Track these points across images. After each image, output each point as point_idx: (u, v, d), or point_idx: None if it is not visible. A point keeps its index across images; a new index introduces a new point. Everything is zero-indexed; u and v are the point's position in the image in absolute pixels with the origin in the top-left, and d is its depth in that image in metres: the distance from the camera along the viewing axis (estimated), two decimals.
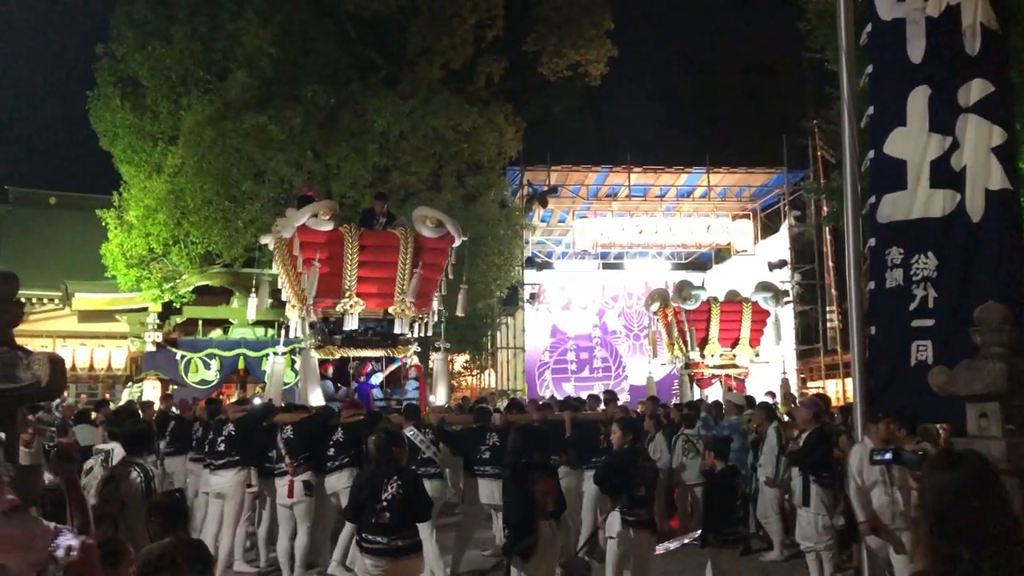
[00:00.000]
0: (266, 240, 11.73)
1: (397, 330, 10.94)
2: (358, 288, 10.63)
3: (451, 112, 17.71)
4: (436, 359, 11.42)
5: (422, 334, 11.43)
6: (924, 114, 8.48)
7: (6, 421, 2.47)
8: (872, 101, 8.95)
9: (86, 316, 21.70)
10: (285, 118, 16.72)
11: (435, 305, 11.34)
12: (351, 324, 10.63)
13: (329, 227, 10.45)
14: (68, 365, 21.24)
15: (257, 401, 10.70)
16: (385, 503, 5.48)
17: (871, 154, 8.81)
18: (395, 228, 11.13)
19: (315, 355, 10.48)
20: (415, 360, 11.35)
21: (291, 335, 11.35)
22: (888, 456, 6.23)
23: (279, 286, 11.48)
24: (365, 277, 10.71)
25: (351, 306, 10.58)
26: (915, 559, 6.14)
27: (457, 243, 11.19)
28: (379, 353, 10.93)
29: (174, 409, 12.42)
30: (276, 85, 17.59)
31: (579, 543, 8.13)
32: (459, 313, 12.17)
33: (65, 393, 13.14)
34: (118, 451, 5.33)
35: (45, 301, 21.50)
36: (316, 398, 10.06)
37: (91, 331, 22.06)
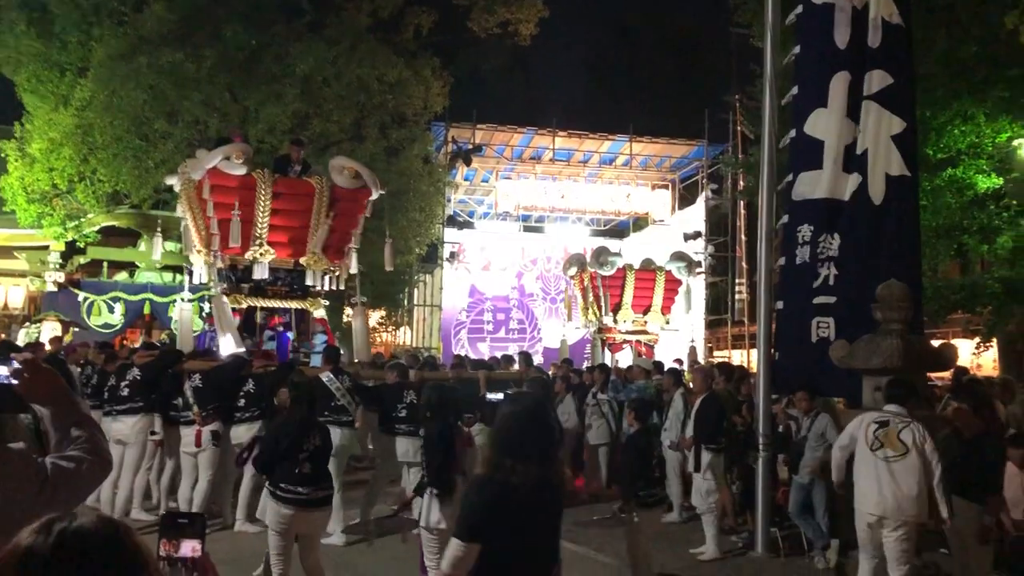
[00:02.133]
0: (172, 181, 11.30)
1: (308, 282, 10.73)
2: (269, 236, 10.36)
3: (377, 61, 17.31)
4: (355, 314, 11.24)
5: (334, 287, 11.24)
6: (844, 99, 8.71)
7: None
8: (797, 81, 9.13)
9: None
10: (203, 56, 16.07)
11: (352, 259, 11.15)
12: (260, 273, 10.38)
13: (242, 171, 10.12)
14: None
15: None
16: (308, 453, 5.51)
17: (792, 133, 9.01)
18: (310, 176, 10.86)
19: (227, 301, 10.19)
20: (322, 313, 11.16)
21: (196, 281, 11.00)
22: None
23: (182, 229, 11.09)
24: (277, 225, 10.44)
25: (261, 254, 10.32)
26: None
27: (374, 196, 10.99)
28: (288, 304, 10.71)
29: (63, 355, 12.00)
30: (195, 21, 16.87)
31: None
32: (388, 267, 12.02)
33: None
34: None
35: None
36: (228, 345, 9.83)
37: None
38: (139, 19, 16.67)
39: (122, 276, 19.91)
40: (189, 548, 1.52)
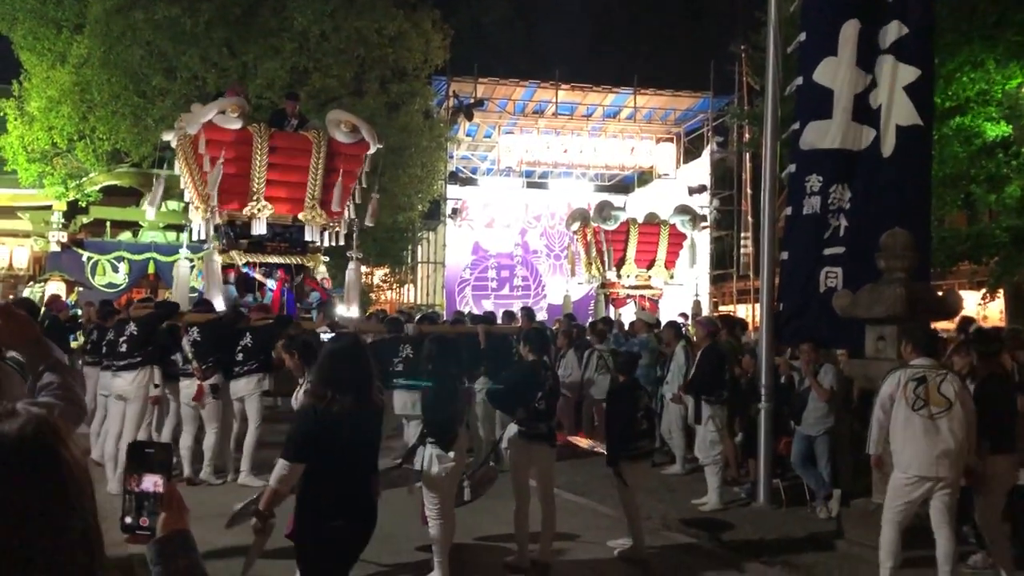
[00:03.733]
0: (169, 137, 11.18)
1: (307, 237, 10.64)
2: (267, 192, 10.26)
3: (376, 14, 17.05)
4: (349, 268, 11.15)
5: (333, 243, 11.14)
6: (853, 47, 8.50)
7: None
8: (804, 27, 8.92)
9: None
10: (199, 10, 15.81)
11: (348, 214, 11.04)
12: (259, 229, 10.29)
13: (237, 125, 9.99)
14: None
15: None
16: None
17: (799, 80, 8.82)
18: (307, 131, 10.72)
19: (218, 259, 10.12)
20: (323, 271, 11.10)
21: (195, 238, 10.92)
22: None
23: (182, 186, 10.99)
24: (274, 180, 10.33)
25: (259, 210, 10.23)
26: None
27: (372, 150, 10.84)
28: (287, 260, 10.63)
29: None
30: None
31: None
32: (368, 223, 11.87)
33: None
34: None
35: None
36: (218, 304, 9.78)
37: None
38: None
39: (126, 236, 19.87)
40: (151, 483, 1.44)
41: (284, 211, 10.62)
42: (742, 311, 23.99)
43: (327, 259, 11.41)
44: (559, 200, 25.01)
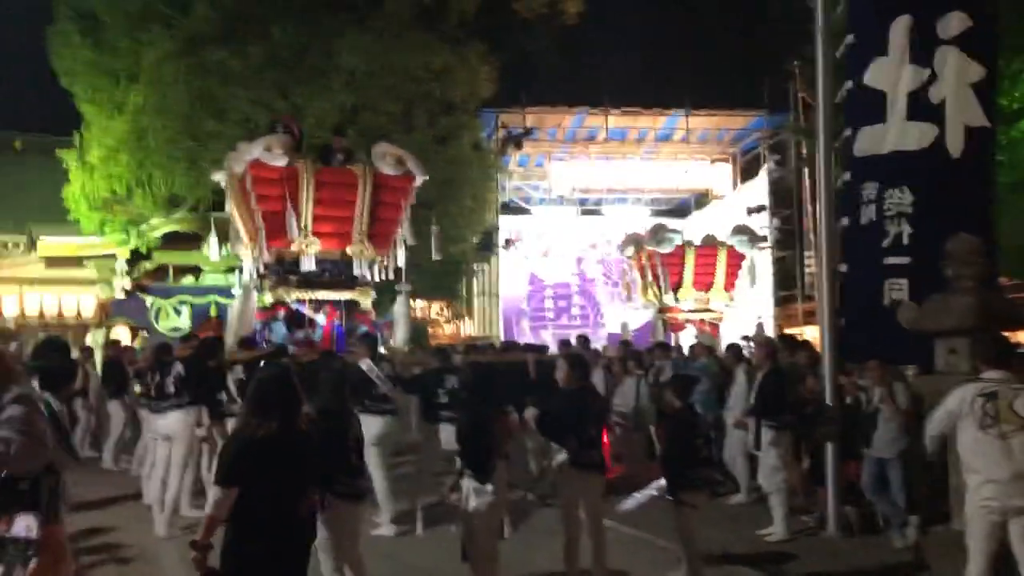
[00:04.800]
0: (218, 177, 11.28)
1: (356, 272, 10.57)
2: (314, 227, 10.24)
3: (422, 50, 17.17)
4: (397, 301, 11.04)
5: (382, 277, 11.05)
6: (905, 44, 8.12)
7: None
8: (852, 29, 8.57)
9: (53, 262, 21.14)
10: (247, 53, 16.08)
11: (396, 247, 10.95)
12: (307, 265, 10.25)
13: (283, 162, 10.00)
14: (36, 312, 20.92)
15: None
16: (353, 443, 5.09)
17: (848, 84, 8.47)
18: (353, 165, 10.69)
19: (255, 296, 10.12)
20: (368, 305, 10.99)
21: (246, 277, 10.95)
22: None
23: (233, 225, 11.05)
24: (322, 216, 10.31)
25: (307, 246, 10.19)
26: None
27: (418, 182, 10.77)
28: (336, 295, 10.56)
29: None
30: (241, 20, 16.92)
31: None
32: (435, 256, 11.79)
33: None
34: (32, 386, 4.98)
35: (11, 247, 20.95)
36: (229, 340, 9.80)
37: (59, 277, 21.49)
38: (185, 21, 16.80)
39: (188, 280, 20.22)
40: (23, 526, 1.22)
41: (332, 246, 10.58)
42: (809, 333, 23.24)
43: (375, 294, 11.29)
44: (615, 227, 24.69)
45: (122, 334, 17.82)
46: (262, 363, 7.41)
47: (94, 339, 17.34)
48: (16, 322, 20.51)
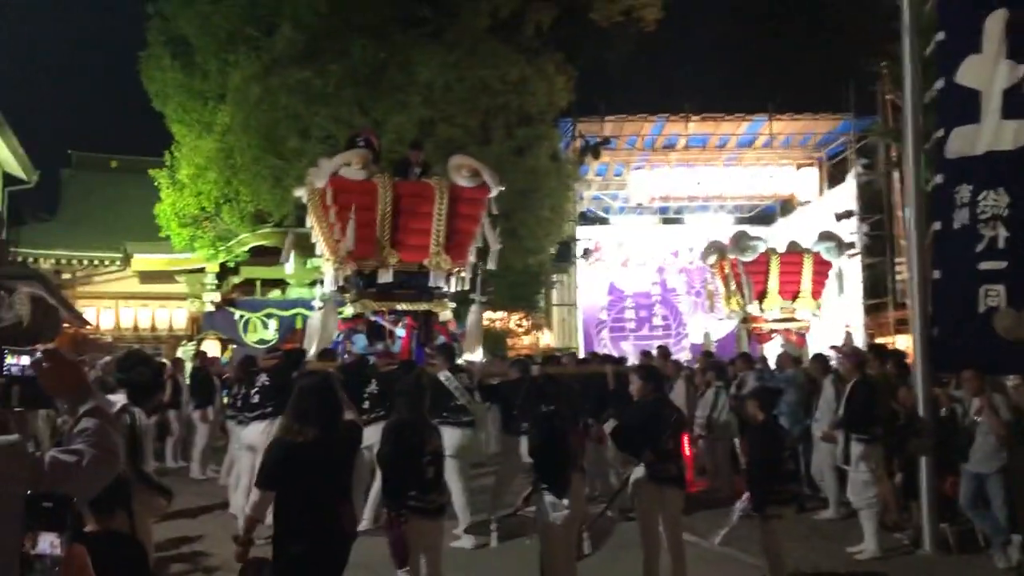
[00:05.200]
0: (300, 192, 11.53)
1: (432, 283, 10.62)
2: (392, 240, 10.33)
3: (498, 61, 17.20)
4: (471, 311, 11.05)
5: (459, 288, 11.08)
6: (1001, 40, 7.75)
7: None
8: (943, 26, 8.21)
9: (147, 277, 22.01)
10: (329, 72, 16.44)
11: (472, 258, 10.97)
12: (385, 277, 10.35)
13: (362, 176, 10.14)
14: (131, 326, 21.73)
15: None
16: (430, 457, 5.00)
17: (939, 84, 8.11)
18: (430, 178, 10.77)
19: (335, 311, 10.28)
20: (448, 315, 11.03)
21: (326, 289, 11.12)
22: None
23: (313, 239, 11.24)
24: (399, 228, 10.40)
25: (385, 259, 10.29)
26: None
27: (494, 193, 10.76)
28: (415, 307, 10.62)
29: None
30: (323, 40, 17.30)
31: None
32: (490, 266, 11.74)
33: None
34: (121, 398, 5.12)
35: (107, 263, 21.85)
36: (311, 351, 9.96)
37: (152, 292, 22.38)
38: (271, 43, 17.26)
39: (275, 293, 20.74)
40: (47, 543, 1.21)
41: (409, 258, 10.64)
42: (901, 342, 22.41)
43: (453, 305, 11.33)
44: (697, 235, 24.25)
45: (212, 347, 18.36)
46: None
47: (185, 352, 17.89)
48: (112, 335, 21.37)
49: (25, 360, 2.16)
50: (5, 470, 1.92)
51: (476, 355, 10.44)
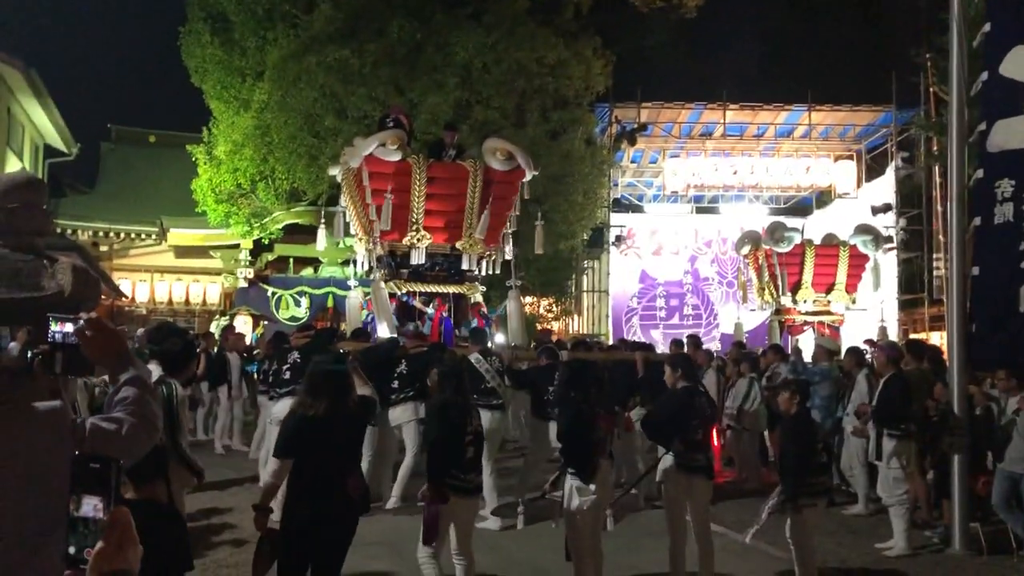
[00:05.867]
0: (334, 172, 11.56)
1: (464, 266, 10.62)
2: (425, 221, 10.33)
3: (536, 44, 17.10)
4: (509, 297, 11.04)
5: (490, 271, 11.08)
6: None
7: (36, 330, 2.28)
8: (989, 16, 8.03)
9: (182, 252, 22.28)
10: (367, 51, 16.43)
11: (505, 241, 10.95)
12: (418, 258, 10.37)
13: (397, 157, 10.13)
14: (165, 299, 22.00)
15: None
16: (471, 437, 5.10)
17: (984, 76, 7.94)
18: (464, 160, 10.74)
19: (385, 288, 10.29)
20: (479, 298, 11.03)
21: (359, 269, 11.15)
22: None
23: (347, 219, 11.28)
24: (432, 210, 10.40)
25: (418, 240, 10.30)
26: None
27: (528, 177, 10.72)
28: (446, 289, 10.64)
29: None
30: (361, 18, 17.30)
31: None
32: (537, 251, 11.76)
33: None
34: (155, 370, 5.18)
35: (144, 236, 22.13)
36: (385, 331, 9.89)
37: (187, 267, 22.66)
38: (309, 20, 17.29)
39: (307, 271, 20.90)
40: (91, 506, 1.21)
41: (442, 240, 10.65)
42: (936, 338, 22.10)
43: (484, 288, 11.34)
44: (731, 225, 24.09)
45: (244, 322, 18.53)
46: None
47: (217, 326, 18.09)
48: (147, 308, 21.67)
49: (69, 327, 2.17)
50: (45, 435, 1.95)
51: (513, 339, 10.46)
